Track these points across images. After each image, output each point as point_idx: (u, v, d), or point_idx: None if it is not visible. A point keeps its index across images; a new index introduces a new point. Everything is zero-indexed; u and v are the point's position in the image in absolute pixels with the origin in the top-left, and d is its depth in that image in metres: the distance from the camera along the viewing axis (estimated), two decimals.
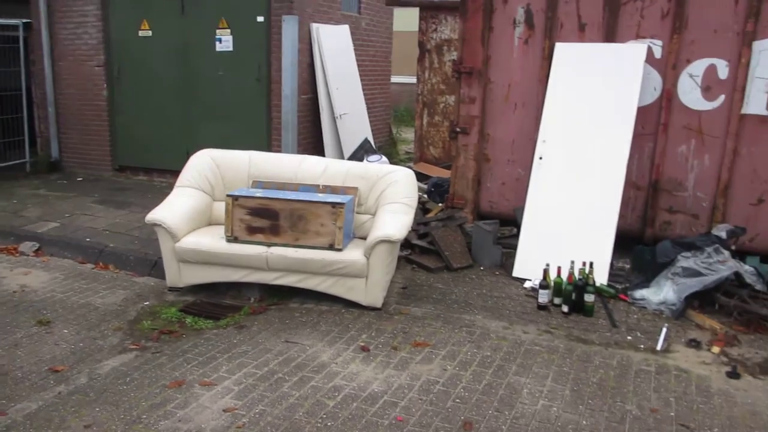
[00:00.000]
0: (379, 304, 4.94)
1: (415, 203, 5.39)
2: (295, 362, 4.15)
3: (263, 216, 5.06)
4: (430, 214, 6.95)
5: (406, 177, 5.48)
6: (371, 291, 4.93)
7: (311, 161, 5.67)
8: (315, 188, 5.35)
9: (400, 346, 4.37)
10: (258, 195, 5.10)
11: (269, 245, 5.05)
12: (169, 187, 6.91)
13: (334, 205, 4.98)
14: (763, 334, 4.78)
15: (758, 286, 5.11)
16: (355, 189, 5.36)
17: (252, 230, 5.07)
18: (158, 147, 8.90)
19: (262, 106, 8.25)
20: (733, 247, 5.52)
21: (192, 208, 5.42)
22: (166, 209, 5.27)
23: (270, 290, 5.20)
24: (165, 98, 8.75)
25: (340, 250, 4.98)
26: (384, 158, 8.21)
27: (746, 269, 5.18)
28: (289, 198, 5.05)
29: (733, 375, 4.13)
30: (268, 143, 8.25)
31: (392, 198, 5.32)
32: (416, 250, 6.18)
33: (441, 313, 4.95)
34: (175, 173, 5.86)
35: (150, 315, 4.92)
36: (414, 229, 6.40)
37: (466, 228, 6.40)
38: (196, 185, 5.62)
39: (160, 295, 5.31)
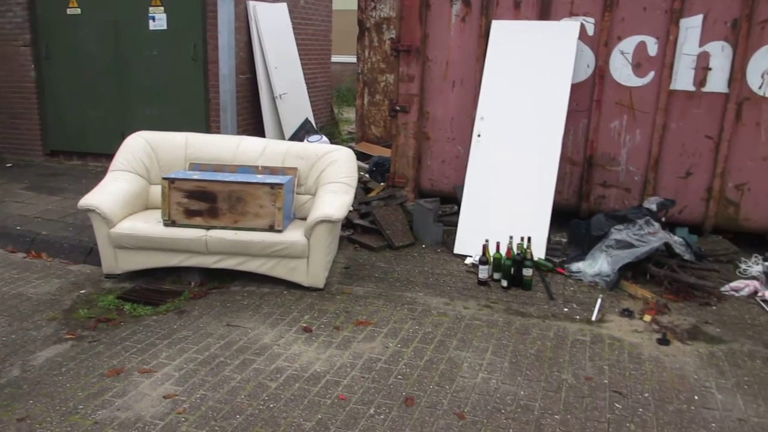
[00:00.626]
0: (321, 284, 4.92)
1: (355, 183, 5.34)
2: (237, 345, 4.11)
3: (201, 199, 4.97)
4: (372, 194, 6.94)
5: (346, 156, 5.45)
6: (313, 272, 4.89)
7: (250, 142, 5.58)
8: (254, 169, 5.26)
9: (343, 325, 4.38)
10: (195, 177, 5.00)
11: (208, 228, 4.97)
12: (105, 172, 6.65)
13: (272, 186, 4.91)
14: (691, 302, 4.93)
15: (687, 256, 5.28)
16: (295, 169, 5.29)
17: (190, 213, 4.98)
18: (92, 130, 8.60)
19: (199, 87, 8.06)
20: (663, 219, 5.67)
21: (127, 193, 5.29)
22: (100, 194, 5.12)
23: (210, 274, 5.12)
24: (97, 79, 8.44)
25: (280, 231, 4.92)
26: (325, 138, 8.15)
27: (675, 240, 5.34)
28: (227, 180, 4.97)
29: (663, 342, 4.26)
30: (207, 124, 8.07)
31: (332, 178, 5.26)
32: (358, 230, 6.18)
33: (383, 292, 4.96)
34: (111, 157, 5.71)
35: (86, 303, 4.80)
36: (356, 209, 6.39)
37: (408, 206, 6.41)
38: (131, 169, 5.48)
39: (97, 283, 5.17)
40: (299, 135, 8.48)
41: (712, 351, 4.21)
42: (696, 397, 3.65)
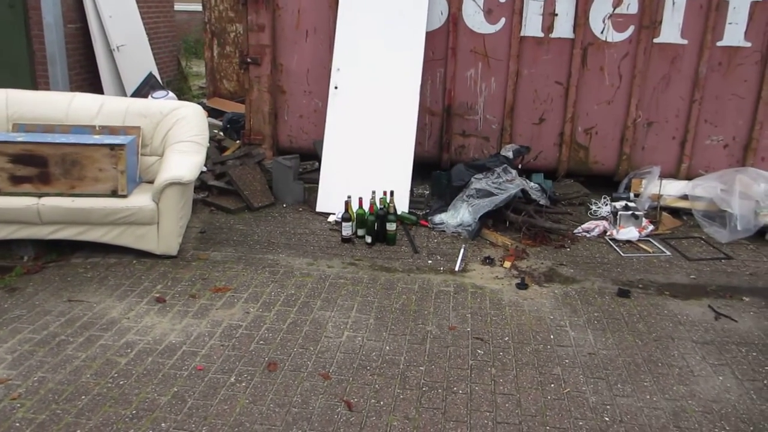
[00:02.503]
0: (174, 251, 4.79)
1: (206, 141, 5.19)
2: (80, 322, 3.88)
3: (29, 163, 4.58)
4: (227, 153, 6.74)
5: (195, 113, 5.25)
6: (164, 238, 4.74)
7: (84, 99, 5.20)
8: (90, 130, 4.94)
9: (199, 293, 4.28)
10: (20, 140, 4.59)
11: (40, 196, 4.61)
12: None
13: (112, 147, 4.64)
14: (547, 246, 5.18)
15: (542, 201, 5.54)
16: (138, 128, 5.05)
17: (17, 180, 4.58)
18: None
19: (20, 37, 7.33)
20: (519, 166, 5.91)
21: None
22: None
23: (47, 246, 4.79)
24: None
25: (125, 196, 4.68)
26: (171, 94, 7.77)
27: (531, 186, 5.58)
28: (59, 141, 4.61)
29: (522, 286, 4.45)
30: (33, 80, 7.40)
31: (180, 137, 5.08)
32: (214, 192, 6.05)
33: (242, 255, 4.89)
34: None
35: None
36: (210, 170, 6.21)
37: (266, 165, 6.32)
38: None
39: None
40: (143, 91, 8.04)
41: (567, 291, 4.44)
42: (551, 337, 3.84)
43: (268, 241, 5.19)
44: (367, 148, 5.75)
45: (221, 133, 7.53)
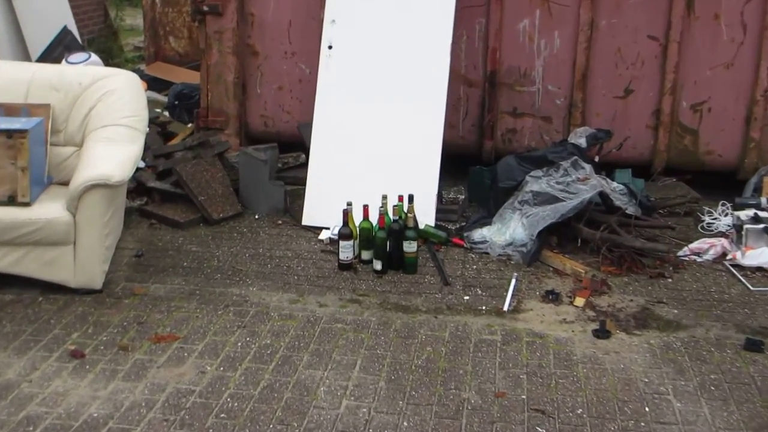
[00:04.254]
0: (97, 283, 4.83)
1: (144, 125, 5.24)
2: None
3: None
4: (174, 141, 6.79)
5: (129, 84, 5.32)
6: (84, 265, 4.76)
7: None
8: None
9: (134, 344, 4.30)
10: None
11: None
12: None
13: (9, 134, 4.66)
14: (638, 275, 5.14)
15: (631, 210, 5.48)
16: (47, 107, 5.10)
17: None
18: None
19: None
20: (596, 159, 5.89)
21: None
22: None
23: None
24: None
25: (27, 204, 4.71)
26: (95, 58, 7.80)
27: (614, 187, 5.54)
28: None
29: (601, 334, 4.41)
30: None
31: (108, 118, 5.13)
32: (155, 198, 6.13)
33: (196, 289, 4.93)
34: None
35: None
36: (150, 166, 6.26)
37: (230, 159, 6.39)
38: None
39: None
40: (54, 54, 8.09)
41: (668, 341, 4.39)
42: (646, 409, 3.78)
43: (232, 269, 5.21)
44: (374, 134, 5.81)
45: (166, 114, 7.58)
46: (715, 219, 5.86)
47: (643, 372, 4.10)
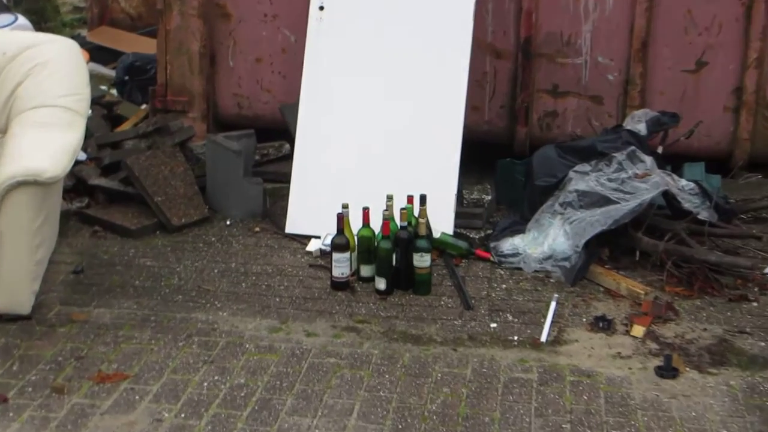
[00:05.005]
0: (25, 308, 4.82)
1: (85, 106, 5.20)
2: None
3: None
4: (124, 126, 6.79)
5: (66, 55, 5.30)
6: (7, 284, 4.75)
7: None
8: None
9: (72, 384, 4.26)
10: None
11: None
12: None
13: None
14: (714, 297, 5.09)
15: (704, 214, 5.39)
16: None
17: None
18: None
19: None
20: (659, 149, 5.85)
21: None
22: None
23: None
24: None
25: None
26: (23, 21, 7.84)
27: (683, 186, 5.45)
28: None
29: (667, 372, 4.31)
30: None
31: (39, 98, 5.10)
32: (99, 199, 6.17)
33: (151, 315, 4.94)
34: None
35: None
36: (93, 158, 6.26)
37: (195, 149, 6.42)
38: None
39: None
40: None
41: (753, 383, 4.29)
42: None
43: (197, 289, 5.24)
44: (377, 118, 5.83)
45: (114, 92, 7.58)
46: None
47: (720, 422, 4.00)
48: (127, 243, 5.76)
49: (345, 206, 5.23)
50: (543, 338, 4.71)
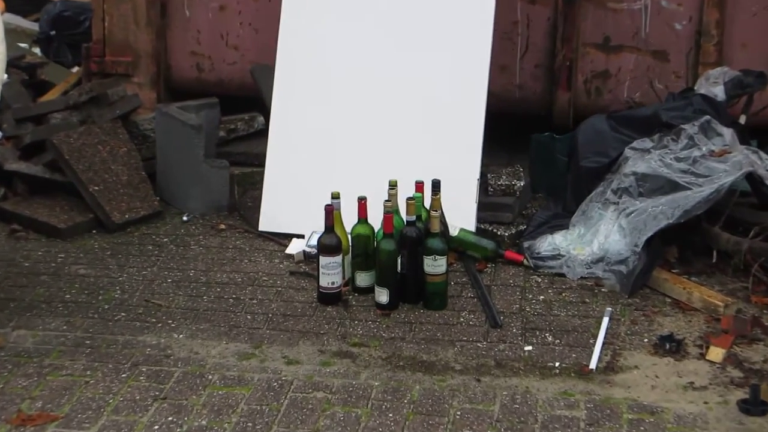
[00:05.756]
0: None
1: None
2: None
3: None
4: (50, 95, 6.78)
5: None
6: None
7: None
8: None
9: None
10: None
11: None
12: None
13: None
14: None
15: None
16: None
17: None
18: None
19: None
20: (742, 119, 5.78)
21: None
22: None
23: None
24: None
25: None
26: None
27: None
28: None
29: (754, 407, 4.22)
30: None
31: None
32: (19, 189, 6.24)
33: (86, 337, 4.94)
34: None
35: None
36: (10, 136, 6.28)
37: (141, 123, 6.47)
38: None
39: None
40: None
41: None
42: None
43: (145, 304, 5.26)
44: (377, 82, 5.89)
45: (37, 51, 7.62)
46: None
47: None
48: (55, 246, 5.81)
49: (335, 196, 5.21)
50: (592, 365, 4.64)
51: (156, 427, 4.23)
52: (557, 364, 4.65)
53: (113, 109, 6.27)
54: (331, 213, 5.14)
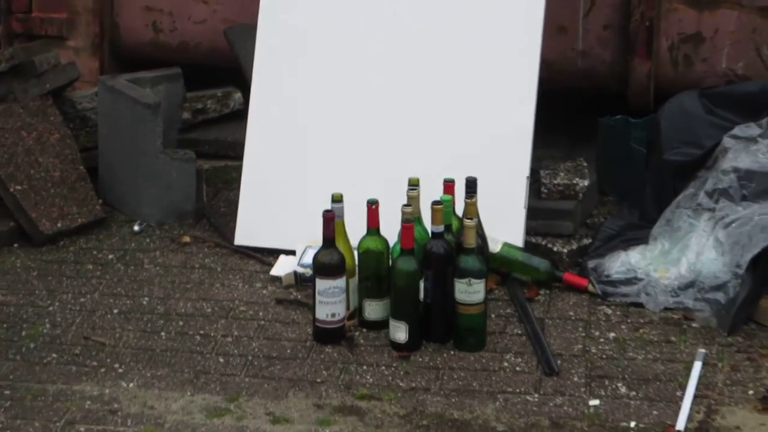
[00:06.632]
0: None
1: None
2: None
3: None
4: None
5: None
6: None
7: None
8: None
9: None
10: None
11: None
12: None
13: None
14: None
15: None
16: None
17: None
18: None
19: None
20: None
21: None
22: None
23: None
24: None
25: None
26: None
27: None
28: None
29: None
30: None
31: None
32: None
33: (6, 386, 4.94)
34: None
35: None
36: None
37: (78, 101, 6.62)
38: None
39: None
40: None
41: None
42: None
43: (83, 342, 5.26)
44: (391, 46, 6.00)
45: None
46: None
47: None
48: None
49: (337, 199, 5.20)
50: (680, 425, 4.54)
51: None
52: (633, 424, 4.57)
53: (42, 83, 6.21)
54: (332, 221, 5.09)
